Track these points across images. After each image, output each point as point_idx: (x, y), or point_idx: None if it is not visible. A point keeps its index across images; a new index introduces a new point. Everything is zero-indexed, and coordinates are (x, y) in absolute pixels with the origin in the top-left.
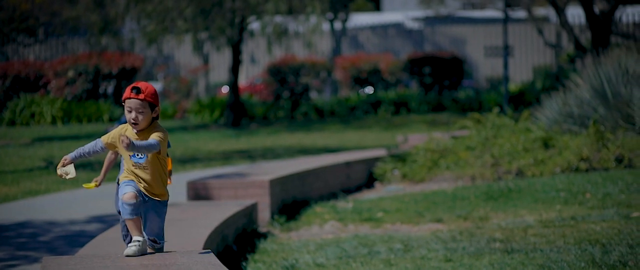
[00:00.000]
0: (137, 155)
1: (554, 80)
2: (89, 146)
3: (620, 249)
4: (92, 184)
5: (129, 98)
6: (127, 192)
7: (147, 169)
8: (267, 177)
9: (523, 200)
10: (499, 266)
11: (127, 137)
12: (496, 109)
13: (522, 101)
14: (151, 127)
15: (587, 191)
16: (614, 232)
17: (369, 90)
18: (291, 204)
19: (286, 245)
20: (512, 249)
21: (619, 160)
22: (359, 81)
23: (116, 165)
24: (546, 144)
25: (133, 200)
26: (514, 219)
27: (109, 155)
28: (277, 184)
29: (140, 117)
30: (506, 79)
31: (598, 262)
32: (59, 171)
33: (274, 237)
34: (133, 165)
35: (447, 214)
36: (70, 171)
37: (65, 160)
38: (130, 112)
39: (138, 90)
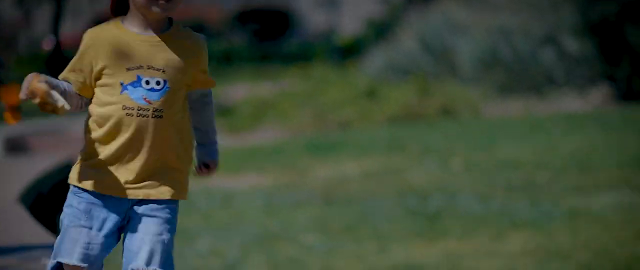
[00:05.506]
0: (148, 83)
1: (383, 31)
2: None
3: (438, 198)
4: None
5: None
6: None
7: (160, 117)
8: None
9: (346, 151)
10: (318, 217)
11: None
12: (323, 61)
13: (351, 53)
14: (175, 25)
15: (409, 141)
16: (434, 182)
17: None
18: None
19: None
20: (332, 200)
21: (443, 110)
22: None
23: None
24: (371, 95)
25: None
26: (336, 170)
27: None
28: None
29: None
30: (335, 31)
31: (416, 211)
32: (41, 87)
33: None
34: (125, 111)
35: (269, 166)
36: (58, 98)
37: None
38: None
39: None
